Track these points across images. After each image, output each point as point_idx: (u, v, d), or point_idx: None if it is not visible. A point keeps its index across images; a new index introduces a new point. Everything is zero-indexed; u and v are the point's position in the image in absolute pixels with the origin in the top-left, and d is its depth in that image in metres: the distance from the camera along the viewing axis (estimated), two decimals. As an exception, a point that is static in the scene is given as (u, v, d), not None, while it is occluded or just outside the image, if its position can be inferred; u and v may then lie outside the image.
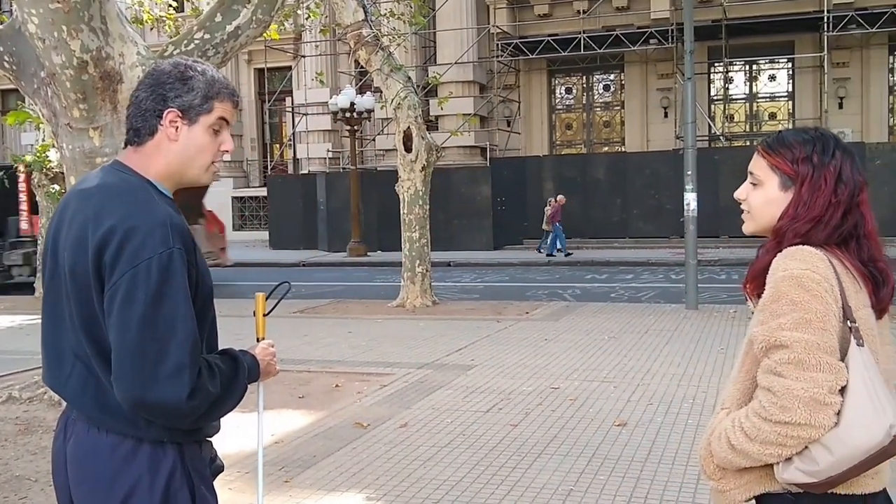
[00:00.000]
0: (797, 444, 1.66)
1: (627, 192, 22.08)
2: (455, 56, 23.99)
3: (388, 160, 25.21)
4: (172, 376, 1.74)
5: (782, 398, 1.64)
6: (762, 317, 1.73)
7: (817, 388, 1.63)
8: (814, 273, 1.70)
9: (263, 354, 2.14)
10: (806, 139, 1.85)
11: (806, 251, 1.74)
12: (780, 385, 1.65)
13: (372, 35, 12.74)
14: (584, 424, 5.80)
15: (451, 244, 21.61)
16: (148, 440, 1.85)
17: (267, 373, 2.15)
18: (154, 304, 1.75)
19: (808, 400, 1.63)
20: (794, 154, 1.83)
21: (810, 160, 1.81)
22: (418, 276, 12.59)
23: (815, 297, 1.68)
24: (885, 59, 23.45)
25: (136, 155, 1.96)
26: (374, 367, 8.03)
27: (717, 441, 1.79)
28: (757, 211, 1.90)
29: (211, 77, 1.98)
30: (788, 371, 1.65)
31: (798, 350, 1.64)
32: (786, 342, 1.66)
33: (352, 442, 5.53)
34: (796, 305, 1.67)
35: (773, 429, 1.66)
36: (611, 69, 26.09)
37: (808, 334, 1.65)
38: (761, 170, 1.89)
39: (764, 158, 1.88)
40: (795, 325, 1.66)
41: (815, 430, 1.63)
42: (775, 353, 1.68)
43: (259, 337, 2.26)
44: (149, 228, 1.79)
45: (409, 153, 12.59)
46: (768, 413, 1.66)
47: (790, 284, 1.69)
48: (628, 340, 9.00)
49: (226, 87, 2.00)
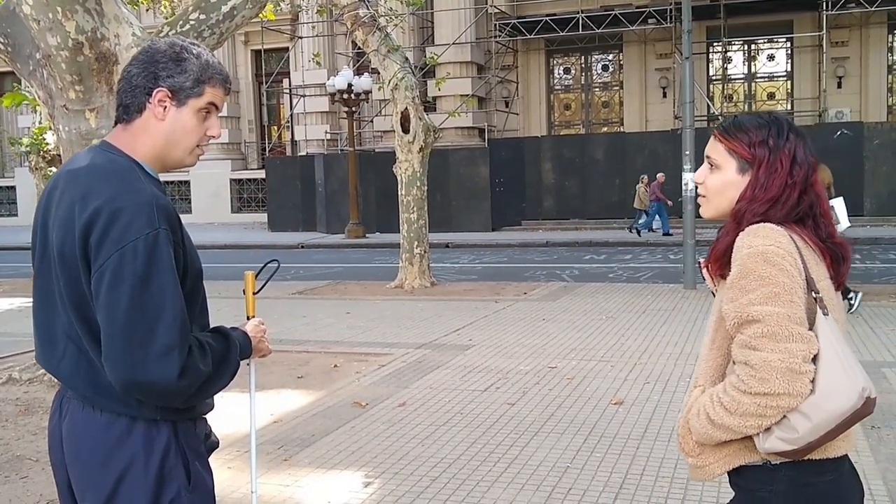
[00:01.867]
0: (776, 414, 1.72)
1: (626, 172, 22.05)
2: (453, 37, 23.89)
3: (385, 141, 25.16)
4: (162, 357, 1.75)
5: (760, 370, 1.69)
6: (731, 294, 1.78)
7: (793, 358, 1.69)
8: (778, 248, 1.76)
9: (254, 332, 2.15)
10: (761, 123, 1.90)
11: (768, 228, 1.79)
12: (758, 358, 1.70)
13: (369, 15, 12.69)
14: (580, 403, 5.83)
15: (449, 225, 21.63)
16: (142, 418, 1.87)
17: (258, 350, 2.16)
18: (141, 285, 1.76)
19: (784, 370, 1.69)
20: (750, 138, 1.89)
21: (766, 143, 1.87)
22: (416, 258, 12.60)
23: (781, 270, 1.74)
24: (884, 38, 23.35)
25: (124, 134, 1.97)
26: (373, 347, 8.06)
27: (695, 418, 1.83)
28: (714, 194, 1.95)
29: (205, 61, 1.97)
30: (763, 344, 1.70)
31: (770, 323, 1.70)
32: (758, 316, 1.72)
33: (350, 421, 5.56)
34: (764, 280, 1.73)
35: (752, 401, 1.71)
36: (609, 49, 25.99)
37: (779, 307, 1.71)
38: (719, 154, 1.93)
39: (721, 143, 1.93)
40: (765, 300, 1.72)
41: (794, 399, 1.70)
42: (748, 328, 1.73)
43: (249, 315, 2.27)
44: (134, 209, 1.79)
45: (407, 134, 12.56)
46: (747, 386, 1.71)
47: (757, 260, 1.75)
48: (626, 320, 9.03)
49: (219, 73, 2.00)
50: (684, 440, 1.90)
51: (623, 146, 22.40)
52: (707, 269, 1.95)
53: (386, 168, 21.19)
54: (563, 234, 20.98)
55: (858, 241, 17.25)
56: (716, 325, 1.89)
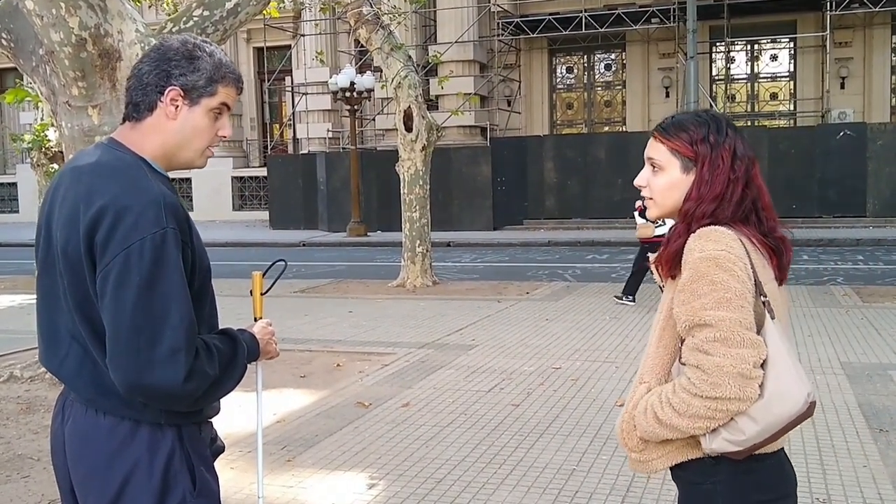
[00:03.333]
0: (725, 417, 1.75)
1: (629, 172, 21.84)
2: (455, 35, 23.82)
3: (388, 140, 25.10)
4: (168, 359, 1.72)
5: (713, 375, 1.72)
6: (683, 297, 1.80)
7: (744, 363, 1.71)
8: (729, 253, 1.77)
9: (262, 333, 2.11)
10: (700, 121, 1.93)
11: (719, 232, 1.81)
12: (710, 363, 1.72)
13: (372, 13, 12.64)
14: (585, 404, 5.79)
15: (451, 224, 21.57)
16: (146, 422, 1.83)
17: (266, 352, 2.13)
18: (147, 286, 1.72)
19: (736, 375, 1.71)
20: (691, 136, 1.90)
21: (707, 140, 1.89)
22: (419, 256, 12.56)
23: (732, 276, 1.75)
24: (888, 38, 23.26)
25: (132, 132, 1.92)
26: (376, 346, 8.02)
27: (641, 416, 1.85)
28: (661, 196, 1.95)
29: (218, 60, 1.94)
30: (715, 349, 1.72)
31: (723, 328, 1.72)
32: (710, 321, 1.74)
33: (354, 421, 5.52)
34: (716, 285, 1.75)
35: (703, 404, 1.74)
36: (612, 48, 25.91)
37: (730, 312, 1.73)
38: (661, 154, 1.94)
39: (662, 143, 1.94)
40: (717, 304, 1.74)
41: (744, 403, 1.73)
42: (700, 332, 1.75)
43: (257, 316, 2.23)
44: (141, 208, 1.75)
45: (410, 133, 12.52)
46: (699, 389, 1.73)
47: (709, 265, 1.76)
48: (630, 320, 8.99)
49: (232, 73, 1.96)
50: (628, 435, 1.91)
51: (625, 146, 22.30)
52: (657, 268, 1.97)
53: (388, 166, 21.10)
54: (565, 233, 20.93)
55: (861, 241, 17.23)
56: (663, 323, 1.91)
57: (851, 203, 19.81)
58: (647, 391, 1.89)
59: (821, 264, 14.38)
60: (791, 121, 24.08)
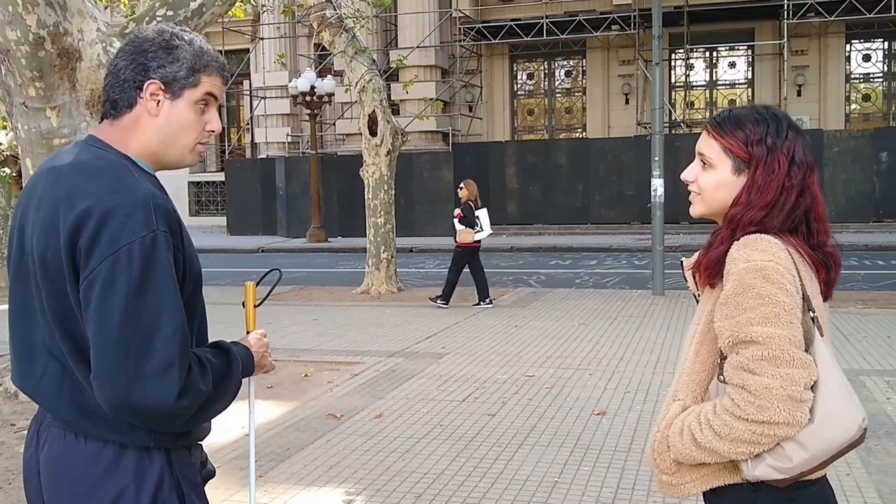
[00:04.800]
0: (771, 443, 1.62)
1: (589, 178, 22.07)
2: (416, 40, 23.71)
3: (348, 145, 24.91)
4: (159, 375, 1.56)
5: (760, 398, 1.58)
6: (726, 310, 1.66)
7: (794, 385, 1.58)
8: (777, 265, 1.64)
9: (257, 346, 1.96)
10: (759, 119, 1.78)
11: (766, 241, 1.68)
12: (757, 383, 1.59)
13: (336, 16, 12.48)
14: (562, 413, 5.69)
15: (413, 230, 21.43)
16: (132, 446, 1.67)
17: (261, 366, 1.98)
18: (137, 294, 1.56)
19: (786, 398, 1.58)
20: (747, 135, 1.76)
21: (764, 142, 1.74)
22: (383, 263, 12.41)
23: (780, 289, 1.62)
24: (843, 47, 23.71)
25: (112, 129, 1.76)
26: (344, 355, 7.85)
27: (677, 436, 1.72)
28: (708, 194, 1.82)
29: (199, 48, 1.78)
30: (763, 368, 1.59)
31: (771, 346, 1.59)
32: (757, 338, 1.60)
33: (325, 434, 5.36)
34: (764, 299, 1.61)
35: (747, 427, 1.60)
36: (572, 55, 26.04)
37: (779, 329, 1.60)
38: (713, 152, 1.80)
39: (716, 140, 1.80)
40: (765, 320, 1.61)
41: (793, 428, 1.60)
42: (746, 350, 1.62)
43: (249, 329, 2.08)
44: (129, 209, 1.59)
45: (375, 137, 12.37)
46: (744, 412, 1.60)
47: (755, 277, 1.63)
48: (599, 327, 8.93)
49: (215, 60, 1.81)
50: (660, 456, 1.78)
51: (586, 152, 22.41)
52: (694, 274, 1.83)
53: (348, 171, 20.95)
54: (527, 239, 20.91)
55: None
56: (701, 336, 1.77)
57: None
58: (683, 409, 1.76)
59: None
60: (748, 128, 24.37)
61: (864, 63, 24.14)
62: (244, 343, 1.93)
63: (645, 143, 20.81)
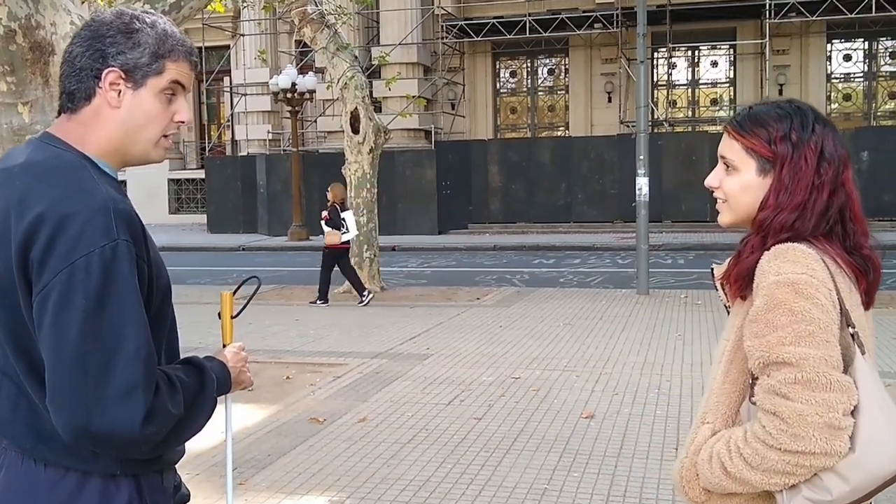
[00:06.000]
0: (807, 473, 1.47)
1: (572, 176, 22.01)
2: (398, 37, 23.54)
3: (330, 142, 24.70)
4: (122, 398, 1.40)
5: (794, 426, 1.44)
6: (756, 328, 1.52)
7: (832, 412, 1.44)
8: (811, 277, 1.50)
9: (234, 361, 1.80)
10: (781, 114, 1.64)
11: (798, 251, 1.53)
12: (790, 410, 1.45)
13: (317, 12, 12.31)
14: (550, 416, 5.59)
15: (396, 228, 21.28)
16: (97, 474, 1.52)
17: (239, 382, 1.82)
18: (96, 309, 1.41)
19: (822, 426, 1.43)
20: (769, 133, 1.62)
21: (788, 138, 1.61)
22: (366, 262, 12.26)
23: (815, 304, 1.48)
24: (823, 46, 23.76)
25: (70, 124, 1.60)
26: (326, 356, 7.70)
27: (706, 464, 1.59)
28: (734, 199, 1.68)
29: (162, 30, 1.61)
30: (796, 393, 1.45)
31: (805, 368, 1.45)
32: (789, 359, 1.46)
33: (308, 439, 5.22)
34: (796, 316, 1.47)
35: (781, 457, 1.46)
36: (555, 53, 25.95)
37: (814, 349, 1.46)
38: (735, 153, 1.67)
39: (737, 140, 1.66)
40: (798, 339, 1.47)
41: (831, 459, 1.45)
42: (778, 372, 1.48)
43: (226, 342, 1.93)
44: (86, 216, 1.44)
45: (357, 135, 12.22)
46: (776, 441, 1.46)
47: (786, 291, 1.49)
48: (584, 327, 8.84)
49: (181, 44, 1.63)
50: (689, 484, 1.64)
51: (569, 150, 22.34)
52: (724, 284, 1.70)
53: (330, 169, 20.71)
54: (510, 237, 20.82)
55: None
56: (731, 354, 1.63)
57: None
58: (712, 434, 1.62)
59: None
60: (731, 126, 24.42)
61: (844, 63, 24.22)
62: (220, 358, 1.78)
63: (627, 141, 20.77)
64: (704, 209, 20.72)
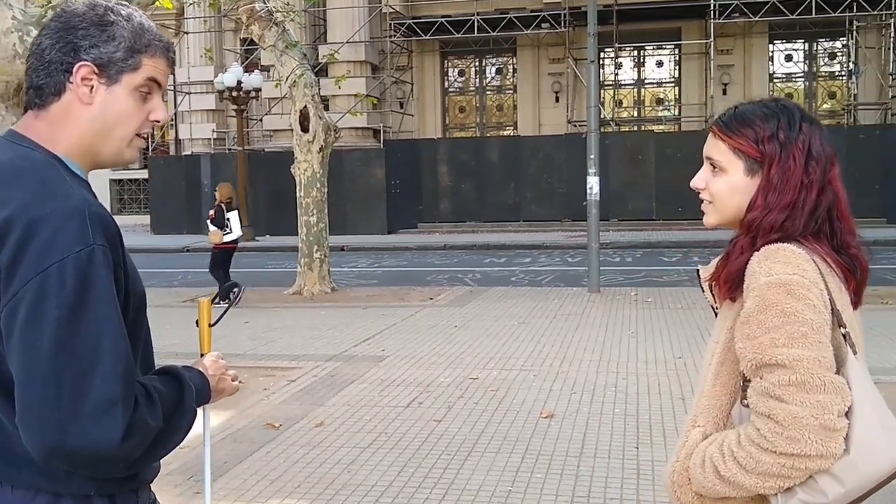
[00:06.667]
0: (802, 476, 1.46)
1: (521, 175, 22.11)
2: (346, 35, 23.35)
3: (276, 141, 24.42)
4: (100, 414, 1.31)
5: (789, 428, 1.42)
6: (748, 330, 1.50)
7: (827, 413, 1.42)
8: (802, 278, 1.48)
9: (213, 369, 1.72)
10: (768, 113, 1.62)
11: (789, 251, 1.51)
12: (784, 412, 1.43)
13: (265, 10, 12.12)
14: (510, 417, 5.55)
15: (345, 228, 21.12)
16: (69, 494, 1.41)
17: (219, 391, 1.74)
18: (71, 320, 1.31)
19: (818, 428, 1.42)
20: (757, 133, 1.60)
21: (776, 138, 1.59)
22: (316, 262, 12.11)
23: (807, 305, 1.47)
24: (766, 47, 24.25)
25: (38, 122, 1.49)
26: (279, 360, 7.56)
27: (698, 468, 1.56)
28: (721, 201, 1.66)
29: (139, 24, 1.51)
30: (790, 395, 1.43)
31: (799, 370, 1.43)
32: (783, 361, 1.44)
33: (265, 445, 5.10)
34: (788, 317, 1.46)
35: (776, 461, 1.44)
36: (503, 52, 26.02)
37: (807, 350, 1.44)
38: (722, 154, 1.64)
39: (723, 141, 1.64)
40: (791, 341, 1.45)
41: (826, 461, 1.44)
42: (771, 374, 1.46)
43: (203, 352, 1.84)
44: (59, 220, 1.34)
45: (306, 133, 12.06)
46: (771, 444, 1.44)
47: (778, 292, 1.47)
48: (539, 326, 8.84)
49: (158, 40, 1.54)
50: (681, 489, 1.61)
51: (518, 150, 22.43)
52: (712, 285, 1.67)
53: (276, 168, 20.49)
54: (460, 236, 20.81)
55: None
56: (721, 356, 1.61)
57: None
58: (704, 437, 1.60)
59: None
60: (676, 125, 24.76)
61: (786, 63, 24.76)
62: (198, 367, 1.69)
63: (575, 140, 20.92)
64: (650, 208, 21.00)
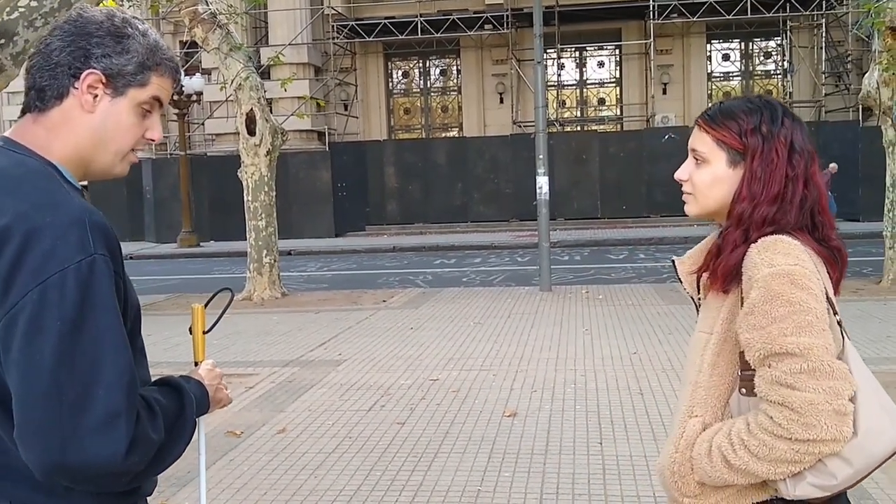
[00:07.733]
0: (814, 460, 1.50)
1: (468, 176, 22.19)
2: (288, 37, 23.15)
3: (219, 145, 24.11)
4: (104, 428, 1.27)
5: (806, 415, 1.46)
6: (754, 320, 1.53)
7: (839, 398, 1.47)
8: (803, 268, 1.53)
9: (210, 378, 1.69)
10: (751, 108, 1.68)
11: (786, 242, 1.56)
12: (800, 399, 1.46)
13: (208, 12, 11.94)
14: (473, 417, 5.56)
15: (291, 232, 20.92)
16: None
17: (217, 400, 1.71)
18: (72, 332, 1.27)
19: (832, 413, 1.46)
20: (740, 126, 1.65)
21: (759, 131, 1.64)
22: (266, 267, 11.97)
23: (810, 294, 1.51)
24: (704, 46, 24.76)
25: (36, 127, 1.45)
26: (235, 367, 7.45)
27: (704, 458, 1.59)
28: (703, 192, 1.70)
29: (154, 41, 1.49)
30: (803, 382, 1.47)
31: (811, 358, 1.47)
32: (793, 349, 1.48)
33: (228, 453, 5.02)
34: (795, 306, 1.50)
35: (790, 447, 1.48)
36: (447, 54, 26.10)
37: (815, 338, 1.48)
38: (706, 146, 1.69)
39: (707, 133, 1.69)
40: (799, 329, 1.48)
41: (839, 444, 1.48)
42: (782, 363, 1.49)
43: (198, 359, 1.79)
44: (59, 229, 1.30)
45: (253, 137, 11.91)
46: (786, 431, 1.47)
47: (783, 282, 1.51)
48: (494, 326, 8.87)
49: (169, 60, 1.52)
50: (682, 479, 1.63)
51: (464, 151, 22.51)
52: (698, 278, 1.71)
53: (220, 172, 20.21)
54: (408, 238, 20.79)
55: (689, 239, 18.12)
56: (718, 346, 1.63)
57: (677, 203, 20.60)
58: (703, 427, 1.62)
59: (657, 262, 14.96)
60: (618, 125, 25.11)
61: (723, 62, 25.30)
62: (195, 377, 1.66)
63: (520, 141, 21.09)
64: (595, 206, 21.26)
